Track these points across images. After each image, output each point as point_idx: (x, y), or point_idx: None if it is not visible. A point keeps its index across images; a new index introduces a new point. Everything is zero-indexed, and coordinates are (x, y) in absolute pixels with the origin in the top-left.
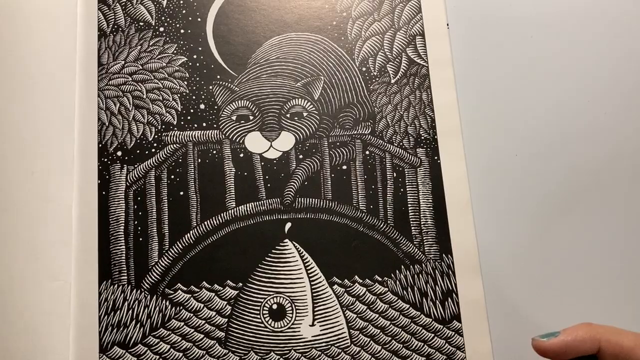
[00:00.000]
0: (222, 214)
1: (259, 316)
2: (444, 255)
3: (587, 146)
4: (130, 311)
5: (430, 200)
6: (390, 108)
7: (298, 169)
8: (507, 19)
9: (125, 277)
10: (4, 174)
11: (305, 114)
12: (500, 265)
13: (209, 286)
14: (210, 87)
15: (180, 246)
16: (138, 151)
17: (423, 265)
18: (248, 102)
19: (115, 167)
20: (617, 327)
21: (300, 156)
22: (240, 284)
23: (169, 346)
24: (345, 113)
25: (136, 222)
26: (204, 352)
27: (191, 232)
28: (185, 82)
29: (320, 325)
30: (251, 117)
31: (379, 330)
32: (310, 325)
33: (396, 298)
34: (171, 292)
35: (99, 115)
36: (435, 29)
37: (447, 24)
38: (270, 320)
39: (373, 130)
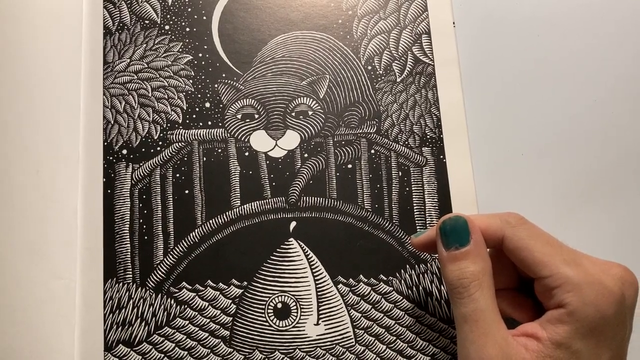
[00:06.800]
0: (227, 213)
1: (263, 315)
2: None
3: (594, 145)
4: (135, 309)
5: (436, 200)
6: (395, 107)
7: (303, 168)
8: (514, 18)
9: (130, 276)
10: (9, 173)
11: (310, 113)
12: None
13: (214, 285)
14: (216, 86)
15: (186, 245)
16: (143, 149)
17: (428, 264)
18: (253, 100)
19: (120, 166)
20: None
21: (306, 155)
22: (245, 283)
23: (173, 344)
24: (351, 112)
25: (141, 221)
26: (209, 350)
27: (196, 230)
28: (191, 81)
29: (325, 325)
30: (256, 116)
31: (383, 330)
32: (315, 324)
33: (401, 297)
34: (176, 290)
35: (104, 114)
36: (442, 28)
37: (454, 23)
38: (275, 319)
39: (378, 129)
